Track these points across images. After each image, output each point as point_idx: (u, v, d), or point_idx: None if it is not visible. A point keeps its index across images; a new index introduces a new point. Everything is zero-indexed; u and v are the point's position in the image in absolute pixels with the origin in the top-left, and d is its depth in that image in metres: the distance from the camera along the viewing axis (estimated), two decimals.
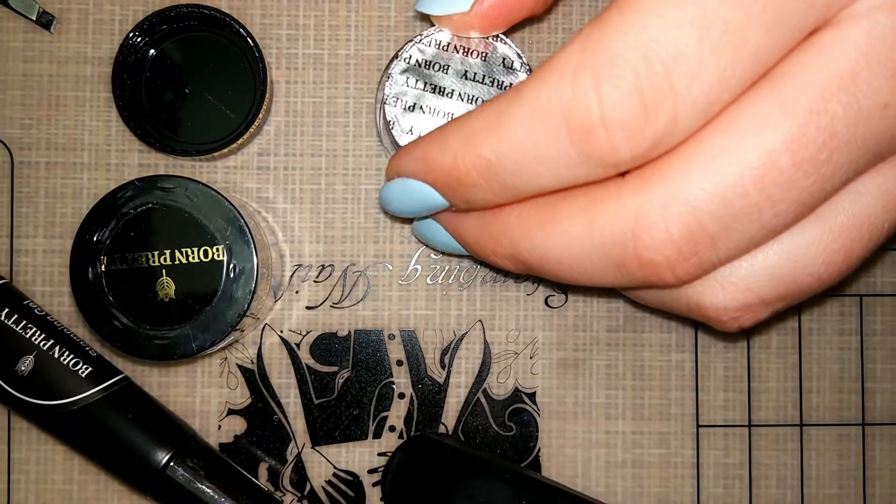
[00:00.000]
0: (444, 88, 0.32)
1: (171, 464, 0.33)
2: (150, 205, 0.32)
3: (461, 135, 0.26)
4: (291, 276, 0.37)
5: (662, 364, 0.38)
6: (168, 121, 0.36)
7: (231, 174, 0.37)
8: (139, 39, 0.35)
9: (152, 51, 0.36)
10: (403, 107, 0.32)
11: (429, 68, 0.32)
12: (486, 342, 0.38)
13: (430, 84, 0.32)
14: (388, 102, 0.32)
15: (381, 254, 0.37)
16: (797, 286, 0.26)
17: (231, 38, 0.36)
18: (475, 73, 0.32)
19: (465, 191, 0.27)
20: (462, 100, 0.32)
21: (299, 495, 0.37)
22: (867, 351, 0.38)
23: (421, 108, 0.32)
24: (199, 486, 0.33)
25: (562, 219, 0.26)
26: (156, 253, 0.32)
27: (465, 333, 0.37)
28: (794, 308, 0.38)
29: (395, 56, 0.32)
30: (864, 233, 0.25)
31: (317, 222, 0.37)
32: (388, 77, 0.32)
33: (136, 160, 0.37)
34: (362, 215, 0.37)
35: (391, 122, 0.32)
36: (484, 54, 0.32)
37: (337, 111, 0.37)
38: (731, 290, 0.26)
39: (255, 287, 0.32)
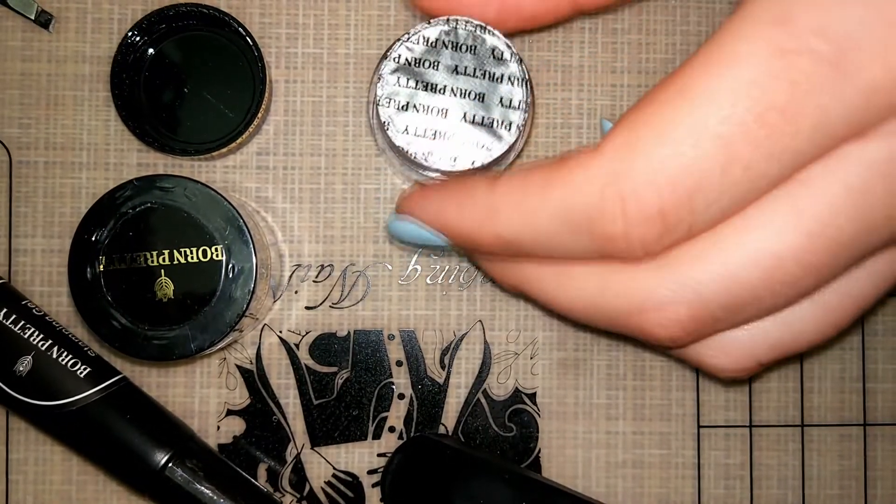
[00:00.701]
0: (437, 85, 0.31)
1: (170, 465, 0.33)
2: (149, 204, 0.32)
3: (482, 210, 0.27)
4: (290, 276, 0.37)
5: (663, 364, 0.38)
6: (167, 120, 0.36)
7: (230, 174, 0.37)
8: (138, 38, 0.35)
9: (151, 50, 0.36)
10: (397, 107, 0.31)
11: (419, 66, 0.31)
12: (486, 342, 0.37)
13: (422, 82, 0.31)
14: (381, 104, 0.31)
15: (381, 254, 0.37)
16: (792, 349, 0.28)
17: (230, 37, 0.36)
18: (466, 67, 0.31)
19: (478, 249, 0.28)
20: (455, 94, 0.31)
21: (298, 496, 0.37)
22: (868, 351, 0.38)
23: (414, 106, 0.31)
24: (198, 486, 0.33)
25: (576, 276, 0.27)
26: (154, 253, 0.32)
27: (465, 334, 0.37)
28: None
29: (385, 56, 0.32)
30: (853, 307, 0.27)
31: (316, 222, 0.37)
32: (380, 78, 0.32)
33: (134, 160, 0.37)
34: (362, 215, 0.37)
35: (386, 124, 0.31)
36: (473, 47, 0.31)
37: (336, 110, 0.37)
38: (733, 355, 0.28)
39: (253, 287, 0.31)
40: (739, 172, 0.23)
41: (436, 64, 0.31)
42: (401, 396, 0.37)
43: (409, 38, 0.32)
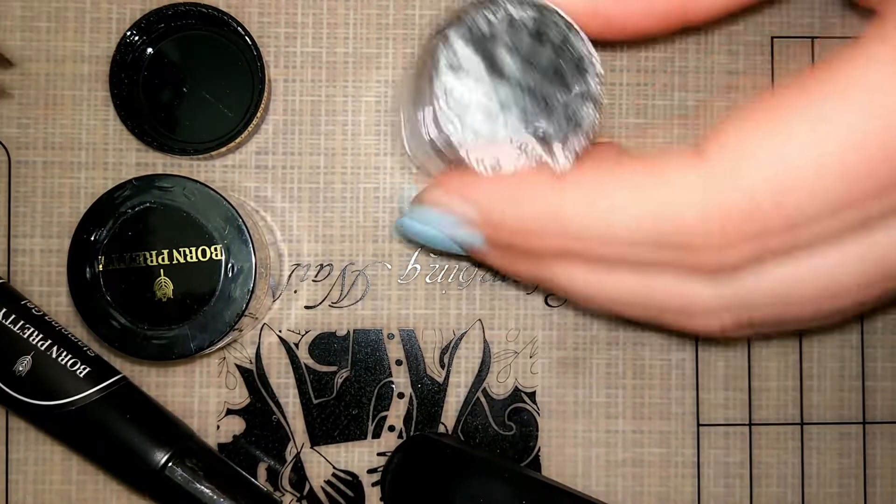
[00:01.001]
0: (504, 70, 0.26)
1: (170, 464, 0.33)
2: (148, 204, 0.31)
3: (545, 207, 0.25)
4: (290, 276, 0.37)
5: (663, 363, 0.38)
6: (166, 120, 0.36)
7: (229, 173, 0.37)
8: (137, 38, 0.35)
9: (150, 49, 0.36)
10: (455, 77, 0.26)
11: (492, 42, 0.26)
12: (485, 341, 0.37)
13: (489, 60, 0.26)
14: (440, 70, 0.26)
15: (380, 253, 0.37)
16: (791, 313, 0.26)
17: (229, 36, 0.36)
18: (542, 63, 0.26)
19: (522, 248, 0.26)
20: (521, 88, 0.26)
21: (298, 495, 0.37)
22: (868, 349, 0.38)
23: (473, 84, 0.26)
24: (198, 486, 0.33)
25: (621, 273, 0.26)
26: (154, 252, 0.32)
27: (465, 333, 0.37)
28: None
29: (457, 18, 0.26)
30: (882, 268, 0.24)
31: (315, 221, 0.37)
32: (445, 39, 0.26)
33: (133, 159, 0.37)
34: (361, 214, 0.37)
35: (438, 95, 0.26)
36: (559, 47, 0.26)
37: (335, 109, 0.37)
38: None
39: (253, 286, 0.31)
40: (853, 203, 0.21)
41: (512, 48, 0.26)
42: (400, 395, 0.37)
43: (489, 7, 0.26)
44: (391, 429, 0.37)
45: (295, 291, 0.37)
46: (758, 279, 0.24)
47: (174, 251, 0.32)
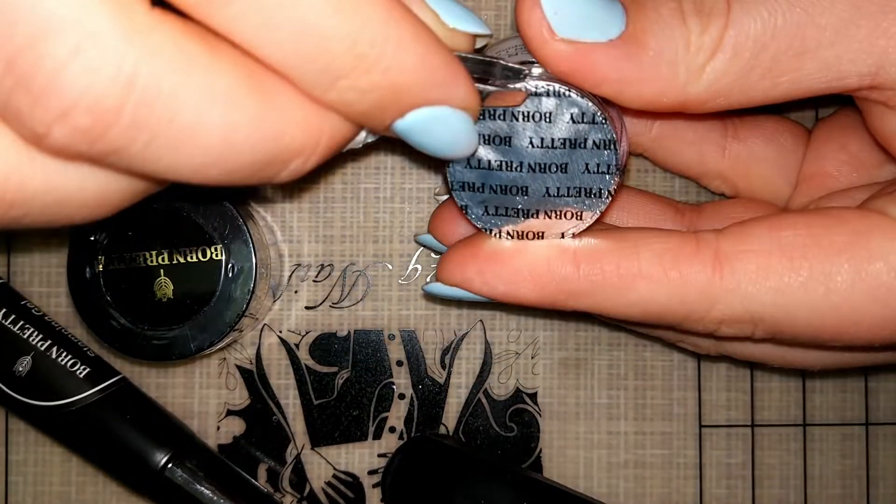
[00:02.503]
0: (511, 163, 0.26)
1: (170, 465, 0.33)
2: (148, 204, 0.31)
3: (563, 289, 0.26)
4: (290, 276, 0.37)
5: (664, 364, 0.38)
6: None
7: None
8: None
9: None
10: (470, 192, 0.27)
11: (488, 143, 0.26)
12: (486, 342, 0.37)
13: (496, 162, 0.26)
14: (454, 189, 0.26)
15: (381, 253, 0.37)
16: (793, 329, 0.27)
17: None
18: (542, 139, 0.26)
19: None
20: (533, 170, 0.26)
21: (299, 497, 0.37)
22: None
23: (490, 187, 0.26)
24: (198, 487, 0.33)
25: (641, 292, 0.27)
26: (154, 252, 0.32)
27: (466, 333, 0.37)
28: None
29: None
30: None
31: (316, 221, 0.37)
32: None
33: None
34: (361, 214, 0.37)
35: (464, 208, 0.27)
36: (549, 114, 0.26)
37: None
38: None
39: (253, 287, 0.31)
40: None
41: (508, 140, 0.26)
42: (401, 396, 0.37)
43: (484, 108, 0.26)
44: (392, 430, 0.37)
45: (295, 292, 0.37)
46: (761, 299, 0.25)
47: (174, 251, 0.32)
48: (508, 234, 0.27)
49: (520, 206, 0.27)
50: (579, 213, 0.27)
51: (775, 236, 0.25)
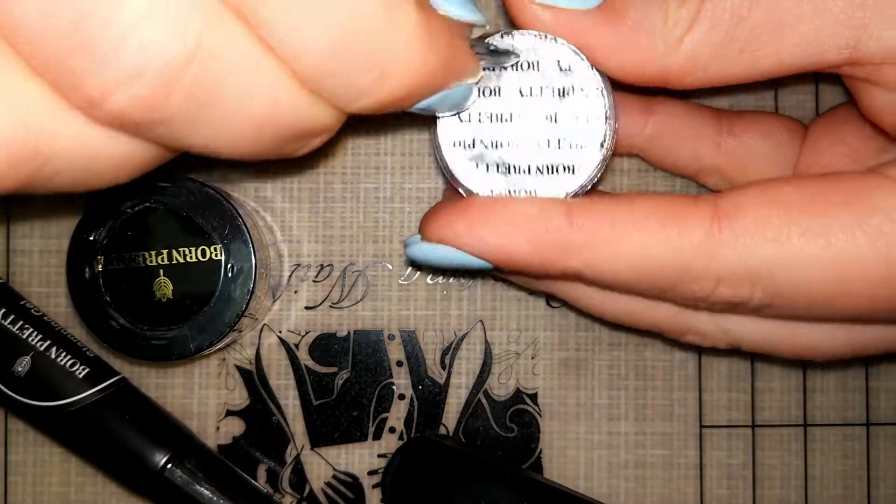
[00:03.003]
0: (503, 115, 0.26)
1: (169, 466, 0.33)
2: (148, 204, 0.31)
3: (558, 243, 0.25)
4: (290, 276, 0.37)
5: (665, 364, 0.38)
6: None
7: (229, 173, 0.37)
8: None
9: None
10: (463, 149, 0.27)
11: (480, 94, 0.26)
12: (486, 342, 0.37)
13: (486, 114, 0.26)
14: (444, 148, 0.27)
15: (381, 253, 0.37)
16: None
17: None
18: (531, 88, 0.26)
19: (535, 276, 0.28)
20: (524, 121, 0.26)
21: (298, 497, 0.37)
22: None
23: (481, 141, 0.26)
24: (198, 488, 0.33)
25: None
26: (153, 252, 0.31)
27: (466, 334, 0.37)
28: None
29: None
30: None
31: (315, 221, 0.37)
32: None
33: None
34: (361, 214, 0.37)
35: (455, 173, 0.27)
36: (536, 63, 0.26)
37: None
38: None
39: (253, 287, 0.31)
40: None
41: (497, 90, 0.26)
42: (401, 397, 0.37)
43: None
44: (392, 430, 0.37)
45: (295, 292, 0.37)
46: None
47: (174, 251, 0.31)
48: (501, 193, 0.27)
49: (510, 162, 0.26)
50: (572, 168, 0.26)
51: (775, 192, 0.25)
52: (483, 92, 0.26)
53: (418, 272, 0.37)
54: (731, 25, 0.24)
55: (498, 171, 0.26)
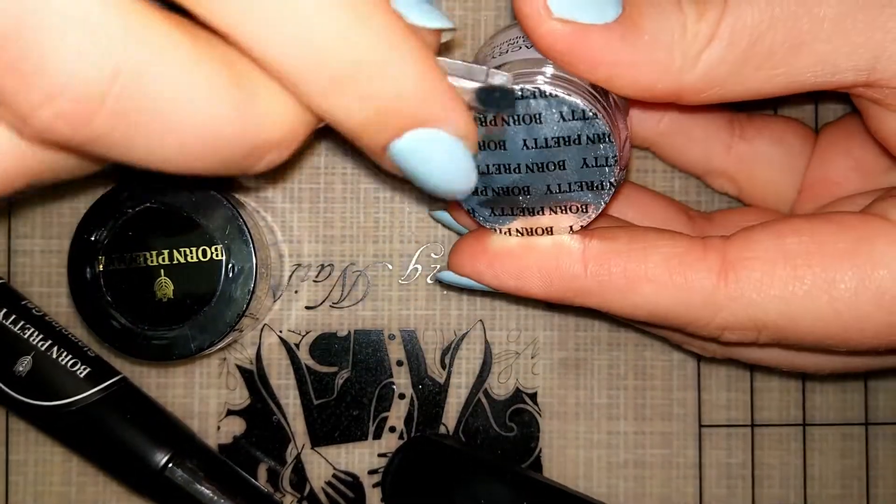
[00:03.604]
0: (510, 165, 0.26)
1: (170, 465, 0.33)
2: (149, 204, 0.31)
3: (571, 283, 0.26)
4: (290, 276, 0.37)
5: (664, 363, 0.38)
6: None
7: None
8: None
9: None
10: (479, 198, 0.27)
11: (484, 147, 0.26)
12: (486, 342, 0.37)
13: (494, 165, 0.26)
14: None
15: (381, 253, 0.37)
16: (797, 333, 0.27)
17: None
18: (536, 140, 0.25)
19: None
20: (532, 170, 0.26)
21: (299, 496, 0.37)
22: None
23: (493, 189, 0.26)
24: (199, 487, 0.33)
25: (647, 294, 0.28)
26: (154, 253, 0.32)
27: (466, 333, 0.37)
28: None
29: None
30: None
31: (316, 221, 0.37)
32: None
33: None
34: (362, 214, 0.37)
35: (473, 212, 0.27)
36: (538, 115, 0.25)
37: None
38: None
39: (253, 287, 0.31)
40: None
41: (502, 144, 0.26)
42: (401, 396, 0.37)
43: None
44: (392, 430, 0.37)
45: (295, 292, 0.37)
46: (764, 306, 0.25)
47: (174, 251, 0.32)
48: (518, 231, 0.27)
49: (524, 206, 0.27)
50: (584, 206, 0.26)
51: (780, 244, 0.25)
52: (489, 146, 0.26)
53: (418, 272, 0.37)
54: (749, 42, 0.24)
55: (513, 213, 0.27)
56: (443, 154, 0.21)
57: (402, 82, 0.19)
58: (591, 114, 0.25)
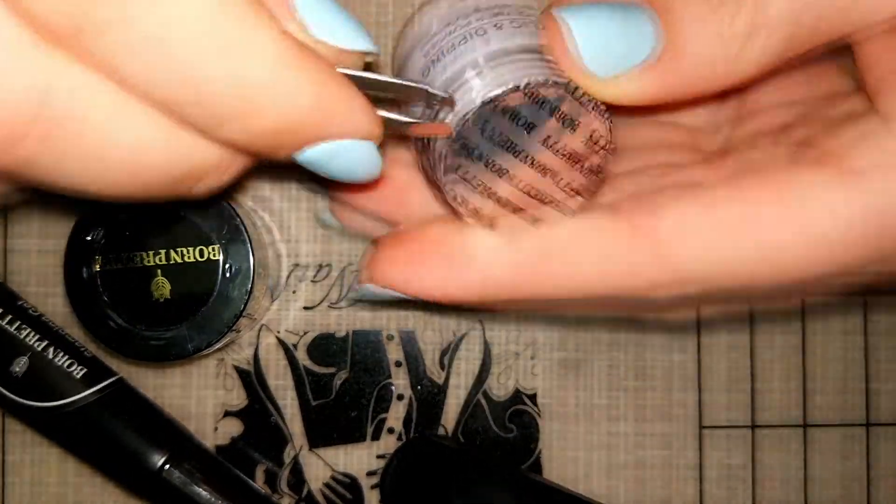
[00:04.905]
0: (519, 148, 0.24)
1: (167, 466, 0.33)
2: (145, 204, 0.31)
3: (479, 276, 0.25)
4: (288, 276, 0.37)
5: (664, 364, 0.37)
6: None
7: None
8: None
9: None
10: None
11: (514, 120, 0.23)
12: (485, 343, 0.37)
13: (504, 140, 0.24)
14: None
15: None
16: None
17: None
18: (553, 139, 0.23)
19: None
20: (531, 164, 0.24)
21: (297, 498, 0.37)
22: (871, 351, 0.38)
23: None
24: (196, 489, 0.33)
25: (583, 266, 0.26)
26: (151, 252, 0.31)
27: (465, 334, 0.37)
28: (797, 308, 0.38)
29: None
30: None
31: (314, 221, 0.37)
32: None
33: None
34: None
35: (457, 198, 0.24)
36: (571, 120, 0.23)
37: None
38: None
39: (251, 287, 0.31)
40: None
41: (530, 125, 0.24)
42: (400, 397, 0.37)
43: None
44: (390, 431, 0.37)
45: (293, 292, 0.37)
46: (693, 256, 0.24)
47: (171, 251, 0.31)
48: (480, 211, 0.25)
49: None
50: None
51: (709, 210, 0.24)
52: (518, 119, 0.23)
53: None
54: (792, 20, 0.22)
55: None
56: (345, 157, 0.21)
57: (297, 106, 0.19)
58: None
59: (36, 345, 0.33)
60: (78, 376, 0.33)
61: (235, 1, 0.17)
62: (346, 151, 0.21)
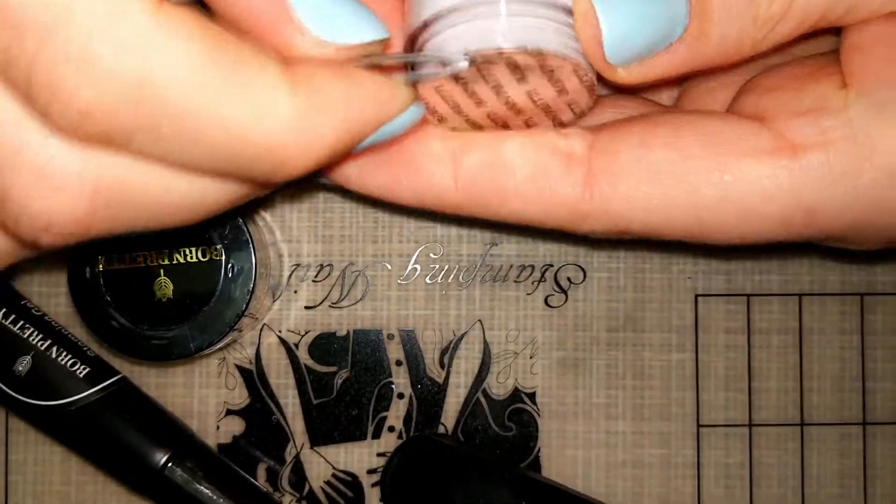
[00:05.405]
0: (505, 92, 0.24)
1: (170, 465, 0.33)
2: None
3: (444, 203, 0.26)
4: (290, 276, 0.37)
5: (663, 364, 0.38)
6: None
7: None
8: None
9: None
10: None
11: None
12: (485, 342, 0.37)
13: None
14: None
15: (380, 253, 0.37)
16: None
17: None
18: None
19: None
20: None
21: (298, 496, 0.37)
22: (868, 350, 0.38)
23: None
24: (198, 487, 0.33)
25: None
26: (154, 252, 0.32)
27: (465, 333, 0.37)
28: (794, 308, 0.38)
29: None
30: None
31: (315, 221, 0.37)
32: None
33: None
34: (361, 214, 0.37)
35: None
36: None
37: None
38: None
39: (253, 287, 0.31)
40: None
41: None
42: (400, 396, 0.37)
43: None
44: (391, 429, 0.37)
45: (295, 292, 0.37)
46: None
47: (174, 251, 0.32)
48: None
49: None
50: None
51: (645, 157, 0.24)
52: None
53: (417, 272, 0.37)
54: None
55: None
56: (389, 129, 0.22)
57: (324, 147, 0.20)
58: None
59: (39, 344, 0.33)
60: (81, 375, 0.33)
61: (235, 80, 0.19)
62: (389, 127, 0.22)
